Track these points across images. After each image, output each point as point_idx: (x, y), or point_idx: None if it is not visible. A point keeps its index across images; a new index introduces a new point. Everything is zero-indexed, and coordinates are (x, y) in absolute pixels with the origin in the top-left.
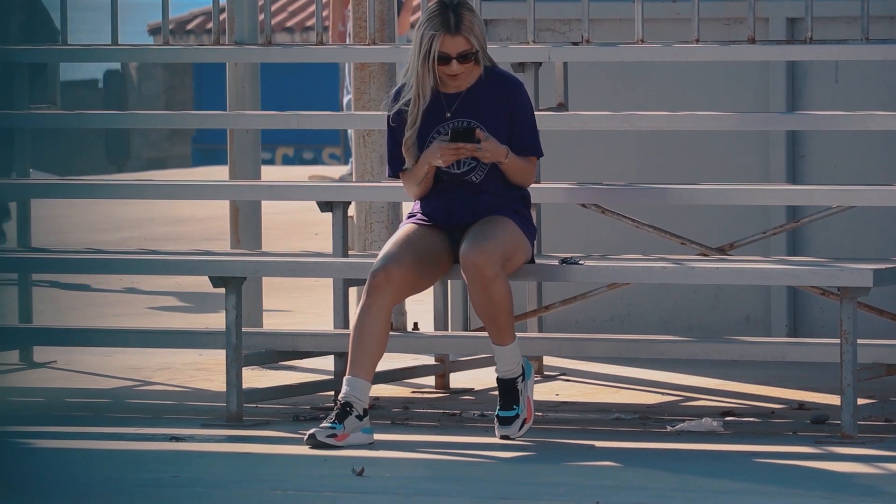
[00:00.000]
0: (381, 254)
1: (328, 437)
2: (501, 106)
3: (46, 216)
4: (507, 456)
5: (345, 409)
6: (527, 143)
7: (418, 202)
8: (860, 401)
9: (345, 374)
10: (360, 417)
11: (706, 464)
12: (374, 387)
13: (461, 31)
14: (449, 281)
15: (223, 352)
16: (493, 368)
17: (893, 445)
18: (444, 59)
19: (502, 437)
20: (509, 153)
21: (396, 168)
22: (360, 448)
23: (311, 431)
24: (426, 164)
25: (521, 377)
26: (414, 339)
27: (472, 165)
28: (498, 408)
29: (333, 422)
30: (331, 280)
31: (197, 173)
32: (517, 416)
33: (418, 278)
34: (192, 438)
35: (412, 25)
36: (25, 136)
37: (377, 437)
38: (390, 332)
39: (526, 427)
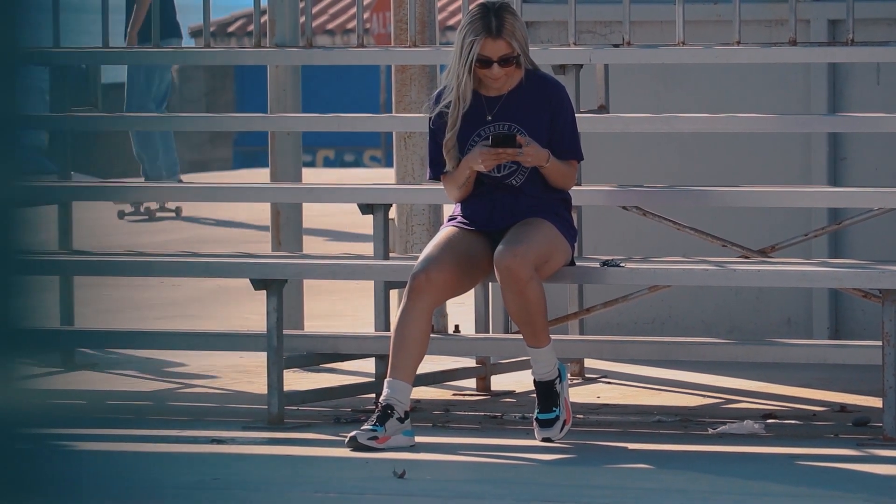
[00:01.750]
0: (422, 256)
1: (369, 439)
2: (542, 109)
3: (87, 218)
4: (548, 458)
5: (386, 412)
6: (567, 146)
7: (459, 205)
8: None
9: (386, 377)
10: (401, 420)
11: (747, 466)
12: (415, 389)
13: (503, 35)
14: (490, 283)
15: (264, 354)
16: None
17: None
18: (486, 63)
19: (544, 440)
20: (550, 157)
21: (438, 171)
22: (401, 451)
23: (353, 434)
24: (468, 168)
25: (557, 378)
26: (455, 341)
27: (512, 169)
28: (537, 411)
29: (374, 424)
30: (372, 283)
31: (238, 176)
32: (557, 417)
33: (458, 281)
34: (232, 441)
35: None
36: (66, 138)
37: (418, 439)
38: (431, 335)
39: (566, 428)
